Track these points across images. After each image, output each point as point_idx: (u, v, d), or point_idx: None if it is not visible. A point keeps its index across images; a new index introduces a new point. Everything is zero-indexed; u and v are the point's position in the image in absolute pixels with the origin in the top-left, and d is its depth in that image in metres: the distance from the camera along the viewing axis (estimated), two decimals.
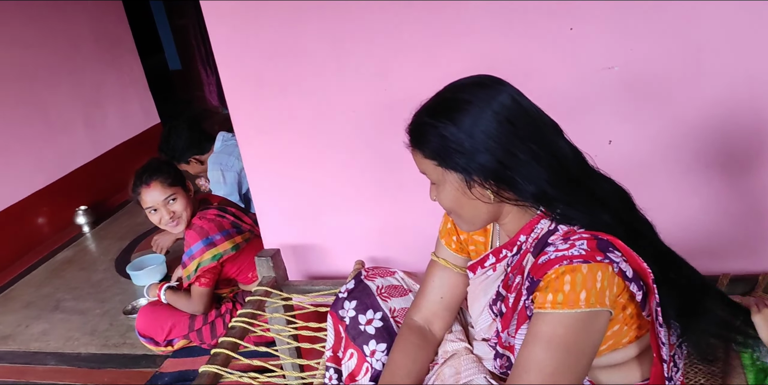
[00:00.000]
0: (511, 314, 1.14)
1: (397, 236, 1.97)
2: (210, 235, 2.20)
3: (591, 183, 1.09)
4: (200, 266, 2.19)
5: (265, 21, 1.84)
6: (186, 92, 6.07)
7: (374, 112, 1.85)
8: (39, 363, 2.45)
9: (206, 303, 2.27)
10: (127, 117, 4.32)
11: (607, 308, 1.00)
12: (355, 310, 1.43)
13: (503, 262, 1.20)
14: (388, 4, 1.70)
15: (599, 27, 1.58)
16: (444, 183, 1.10)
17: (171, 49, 6.16)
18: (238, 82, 1.95)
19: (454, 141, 1.05)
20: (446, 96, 1.10)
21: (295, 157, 1.98)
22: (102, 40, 4.13)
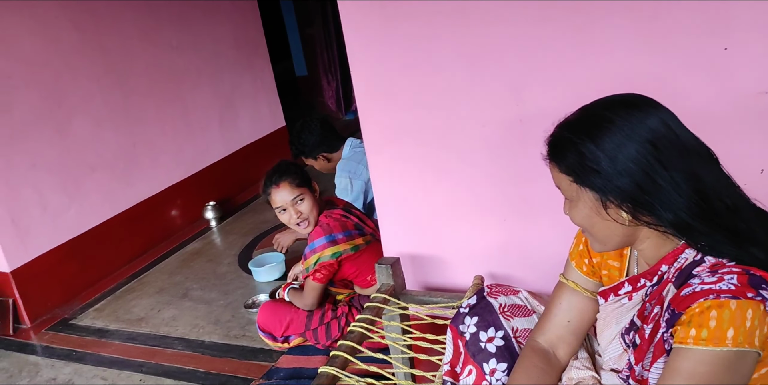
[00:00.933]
0: (646, 346, 1.10)
1: (521, 253, 1.94)
2: (333, 233, 2.28)
3: (740, 216, 1.03)
4: (320, 260, 2.27)
5: (402, 34, 1.87)
6: (309, 98, 6.30)
7: (504, 127, 1.84)
8: (167, 347, 2.62)
9: (317, 298, 2.34)
10: (256, 119, 4.54)
11: (756, 349, 0.94)
12: (476, 326, 1.42)
13: (640, 291, 1.15)
14: (524, 22, 1.69)
15: (758, 49, 1.48)
16: (578, 200, 1.09)
17: (299, 56, 6.42)
18: (370, 91, 2.00)
19: (591, 159, 1.03)
20: (591, 112, 1.08)
21: (421, 168, 2.01)
22: (241, 46, 4.36)
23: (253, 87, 4.51)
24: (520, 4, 1.68)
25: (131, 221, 3.50)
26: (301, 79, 6.49)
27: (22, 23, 2.96)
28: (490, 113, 1.85)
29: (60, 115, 3.14)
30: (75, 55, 3.21)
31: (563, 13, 1.64)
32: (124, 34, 3.49)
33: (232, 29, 4.28)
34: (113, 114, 3.42)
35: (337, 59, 5.73)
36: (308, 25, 5.92)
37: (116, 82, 3.44)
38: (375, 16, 1.88)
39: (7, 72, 2.90)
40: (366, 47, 1.94)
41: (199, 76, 4.02)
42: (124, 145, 3.49)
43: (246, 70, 4.43)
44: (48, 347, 2.77)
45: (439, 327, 1.85)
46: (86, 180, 3.28)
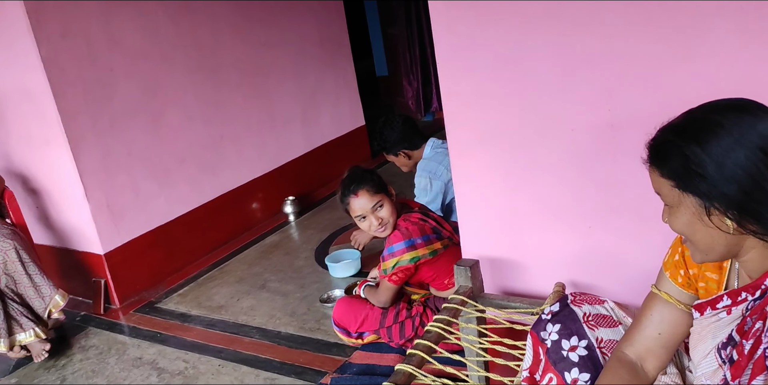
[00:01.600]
0: (745, 363, 1.05)
1: (606, 262, 1.89)
2: (413, 237, 2.29)
3: None
4: (398, 264, 2.29)
5: (492, 35, 1.86)
6: (388, 98, 6.34)
7: (594, 132, 1.80)
8: (245, 335, 2.71)
9: (391, 297, 2.36)
10: (337, 117, 4.61)
11: None
12: (558, 334, 1.40)
13: (741, 306, 1.10)
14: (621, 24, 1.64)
15: None
16: (679, 206, 1.05)
17: (380, 56, 6.46)
18: (457, 92, 1.99)
19: (696, 164, 0.99)
20: (697, 116, 1.04)
21: (505, 170, 1.99)
22: (325, 44, 4.44)
23: (335, 85, 4.58)
24: (617, 6, 1.64)
25: (215, 211, 3.63)
26: (382, 78, 6.53)
27: (127, 18, 3.12)
28: (579, 118, 1.81)
29: (155, 106, 3.29)
30: (171, 49, 3.36)
31: (664, 14, 1.58)
32: (217, 30, 3.61)
33: (318, 27, 4.36)
34: (203, 107, 3.56)
35: (419, 60, 5.73)
36: (391, 25, 5.95)
37: (207, 76, 3.58)
38: (466, 17, 1.88)
39: (110, 64, 3.06)
40: (455, 48, 1.94)
41: (285, 73, 4.12)
42: (212, 138, 3.62)
43: (329, 68, 4.51)
44: (135, 328, 2.92)
45: (517, 332, 1.83)
46: (176, 170, 3.42)
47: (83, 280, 3.18)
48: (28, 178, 3.15)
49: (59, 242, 3.22)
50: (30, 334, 2.65)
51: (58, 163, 2.98)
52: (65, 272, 3.23)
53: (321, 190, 4.34)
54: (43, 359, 2.71)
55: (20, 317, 2.63)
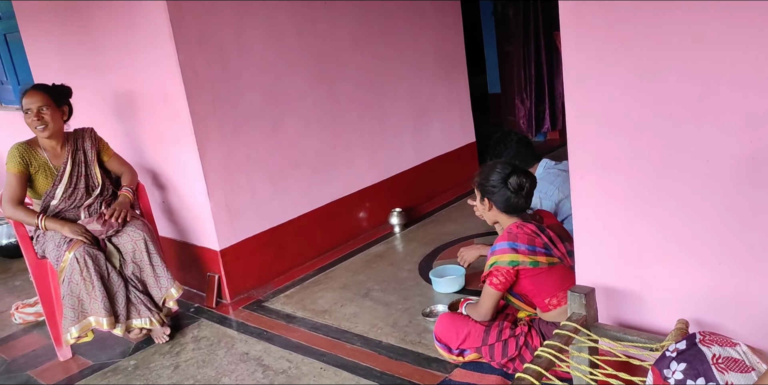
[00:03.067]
0: None
1: (736, 302, 1.78)
2: (517, 242, 2.27)
3: None
4: (496, 264, 2.27)
5: (627, 54, 1.81)
6: (499, 115, 6.29)
7: (732, 164, 1.71)
8: (347, 341, 2.75)
9: (492, 308, 2.33)
10: (448, 131, 4.62)
11: None
12: (684, 373, 1.34)
13: None
14: None
15: None
16: None
17: (493, 73, 6.43)
18: (583, 112, 1.95)
19: None
20: None
21: (629, 197, 1.92)
22: (441, 59, 4.47)
23: (448, 99, 4.59)
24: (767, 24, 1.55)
25: (325, 217, 3.73)
26: (493, 96, 6.50)
27: (257, 27, 3.28)
28: (717, 147, 1.72)
29: (276, 112, 3.43)
30: (295, 58, 3.49)
31: None
32: (338, 42, 3.73)
33: (435, 42, 4.40)
34: (320, 115, 3.67)
35: (534, 79, 5.66)
36: (507, 43, 5.92)
37: (326, 86, 3.69)
38: (597, 36, 1.84)
39: (239, 70, 3.23)
40: (584, 68, 1.90)
41: (400, 85, 4.18)
42: (326, 146, 3.73)
43: (443, 83, 4.53)
44: (243, 324, 3.04)
45: (632, 367, 1.76)
46: (290, 175, 3.54)
47: (198, 273, 3.35)
48: (158, 174, 3.37)
49: (180, 236, 3.41)
50: (146, 321, 2.82)
51: (185, 162, 3.17)
52: (183, 265, 3.41)
53: (427, 204, 4.36)
54: (163, 342, 2.90)
55: (139, 304, 2.81)
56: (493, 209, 2.40)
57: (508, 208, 2.36)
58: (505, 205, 2.36)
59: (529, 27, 5.59)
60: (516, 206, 2.36)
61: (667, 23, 1.71)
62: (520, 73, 5.74)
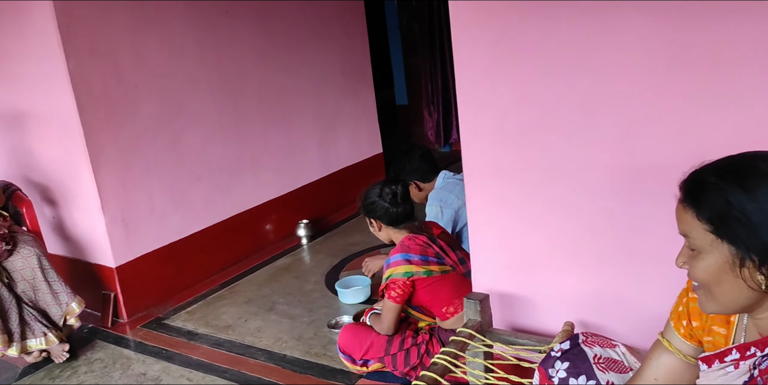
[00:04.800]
0: None
1: (617, 305, 1.88)
2: (410, 253, 2.32)
3: None
4: (391, 276, 2.31)
5: (514, 71, 1.89)
6: (407, 127, 6.39)
7: (613, 173, 1.81)
8: (251, 356, 2.70)
9: (393, 321, 2.36)
10: (354, 144, 4.65)
11: None
12: (567, 372, 1.40)
13: (749, 361, 1.08)
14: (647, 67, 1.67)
15: None
16: (709, 253, 1.01)
17: (401, 85, 6.54)
18: (476, 126, 2.02)
19: (740, 211, 0.96)
20: (742, 162, 1.01)
21: (520, 206, 2.00)
22: (347, 72, 4.51)
23: (354, 112, 4.63)
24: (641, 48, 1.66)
25: (228, 231, 3.65)
26: (401, 108, 6.60)
27: (154, 38, 3.19)
28: (597, 157, 1.82)
29: (176, 125, 3.34)
30: (195, 70, 3.42)
31: (687, 60, 1.61)
32: (241, 53, 3.68)
33: (341, 55, 4.43)
34: (223, 128, 3.61)
35: (441, 91, 5.80)
36: (413, 56, 6.03)
37: (229, 98, 3.63)
38: (488, 52, 1.92)
39: (135, 82, 3.12)
40: (476, 82, 1.97)
41: (305, 98, 4.18)
42: (230, 159, 3.67)
43: (349, 96, 4.56)
44: (141, 343, 2.92)
45: (523, 370, 1.82)
46: (192, 188, 3.45)
47: (93, 292, 3.19)
48: (48, 189, 3.20)
49: (72, 253, 3.25)
50: (41, 341, 2.68)
51: (77, 176, 3.03)
52: (76, 283, 3.23)
53: (335, 215, 4.36)
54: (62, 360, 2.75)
55: (34, 323, 2.66)
56: (383, 227, 2.47)
57: (392, 219, 2.44)
58: (388, 218, 2.44)
59: (434, 39, 5.73)
60: (398, 216, 2.43)
61: (551, 42, 1.80)
62: (428, 85, 5.86)
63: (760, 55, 1.51)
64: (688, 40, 1.60)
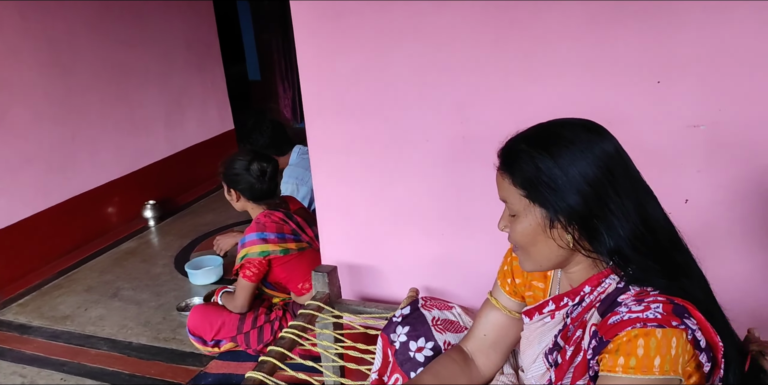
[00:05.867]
0: (567, 367, 1.13)
1: (457, 269, 1.97)
2: (266, 232, 2.28)
3: (678, 249, 1.07)
4: (247, 256, 2.27)
5: (354, 44, 1.89)
6: (261, 103, 6.26)
7: (447, 143, 1.88)
8: (92, 347, 2.55)
9: (248, 299, 2.32)
10: (204, 120, 4.49)
11: (679, 376, 0.98)
12: (407, 336, 1.44)
13: (563, 310, 1.18)
14: (475, 42, 1.74)
15: (688, 84, 1.57)
16: (524, 216, 1.08)
17: (252, 61, 6.38)
18: (318, 99, 2.00)
19: (548, 175, 1.03)
20: (549, 130, 1.08)
21: (364, 179, 2.03)
22: (192, 46, 4.31)
23: (202, 88, 4.46)
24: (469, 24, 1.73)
25: (64, 215, 3.39)
26: (254, 83, 6.44)
27: None
28: (434, 129, 1.88)
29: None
30: (18, 42, 3.11)
31: (514, 37, 1.69)
32: (71, 24, 3.40)
33: (185, 28, 4.23)
34: (54, 105, 3.33)
35: (295, 66, 5.72)
36: (264, 31, 5.90)
37: (60, 74, 3.35)
38: (328, 25, 1.90)
39: None
40: (317, 55, 1.95)
41: (148, 74, 3.95)
42: (63, 138, 3.40)
43: (196, 71, 4.38)
44: None
45: (372, 337, 1.86)
46: (20, 171, 3.17)
47: None
48: None
49: None
50: None
51: None
52: None
53: (184, 195, 4.20)
54: None
55: None
56: (241, 199, 2.38)
57: (254, 195, 2.37)
58: (251, 193, 2.36)
59: (286, 13, 5.62)
60: (262, 193, 2.37)
61: (390, 19, 1.81)
62: (281, 60, 5.77)
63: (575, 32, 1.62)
64: (512, 16, 1.68)
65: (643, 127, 1.64)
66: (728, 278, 1.22)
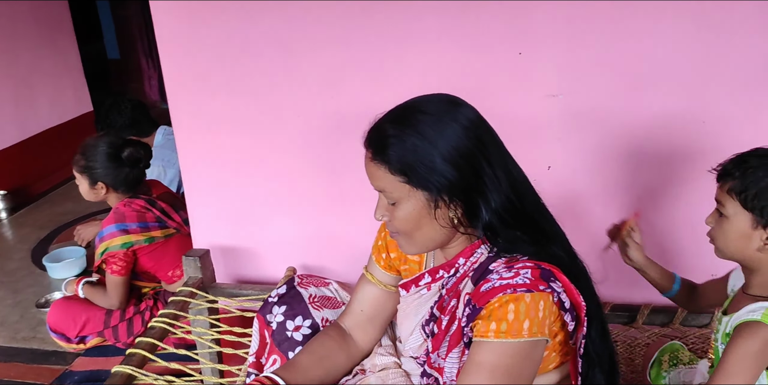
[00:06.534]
0: (443, 336, 1.14)
1: (333, 246, 1.96)
2: (126, 222, 2.14)
3: (540, 218, 1.10)
4: (108, 250, 2.13)
5: (215, 18, 1.81)
6: (122, 83, 5.90)
7: (320, 119, 1.85)
8: None
9: (122, 295, 2.18)
10: (58, 102, 4.17)
11: (546, 337, 1.02)
12: (284, 315, 1.41)
13: (438, 282, 1.19)
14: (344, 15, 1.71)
15: (547, 55, 1.63)
16: (407, 201, 1.05)
17: (111, 38, 5.98)
18: (181, 77, 1.90)
19: (422, 155, 1.01)
20: (410, 108, 1.06)
21: (234, 157, 1.95)
22: (41, 22, 3.98)
23: (55, 67, 4.13)
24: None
25: None
26: (114, 62, 6.04)
27: None
28: (306, 104, 1.84)
29: None
30: None
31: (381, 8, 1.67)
32: None
33: (32, 3, 3.88)
34: None
35: None
36: (122, 7, 5.55)
37: None
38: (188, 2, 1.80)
39: None
40: (177, 29, 1.85)
41: None
42: None
43: (47, 49, 4.05)
44: None
45: (250, 320, 1.80)
46: None
47: None
48: None
49: None
50: None
51: None
52: None
53: (40, 184, 3.88)
54: None
55: None
56: (102, 188, 2.19)
57: (128, 185, 2.20)
58: (124, 183, 2.19)
59: None
60: (135, 182, 2.21)
61: None
62: (143, 37, 5.44)
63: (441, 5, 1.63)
64: None
65: (507, 97, 1.68)
66: (590, 238, 1.29)
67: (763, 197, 1.03)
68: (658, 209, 1.74)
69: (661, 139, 1.65)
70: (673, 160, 1.66)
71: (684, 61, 1.58)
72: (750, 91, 1.58)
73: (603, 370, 1.10)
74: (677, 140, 1.63)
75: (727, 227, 1.09)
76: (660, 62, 1.59)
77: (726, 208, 1.08)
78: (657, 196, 1.73)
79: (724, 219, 1.09)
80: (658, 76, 1.60)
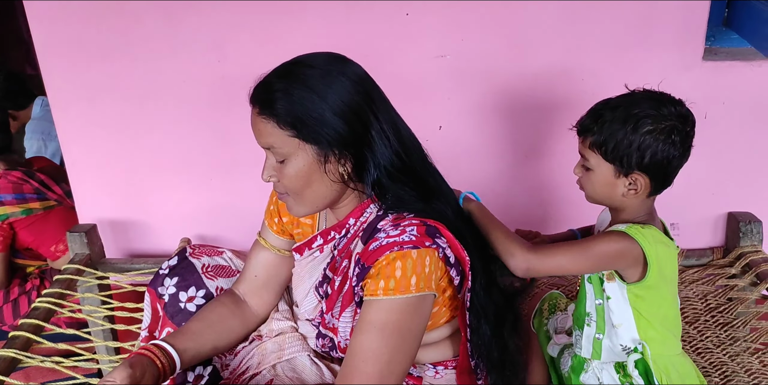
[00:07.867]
0: (336, 297, 1.15)
1: (228, 214, 1.92)
2: (0, 193, 2.04)
3: (427, 176, 1.11)
4: None
5: None
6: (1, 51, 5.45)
7: (207, 84, 1.79)
8: None
9: (1, 272, 2.09)
10: None
11: (433, 291, 1.04)
12: (176, 287, 1.37)
13: (330, 244, 1.19)
14: None
15: (434, 16, 1.64)
16: (296, 157, 1.03)
17: None
18: (53, 42, 1.78)
19: (312, 107, 0.99)
20: (298, 64, 1.04)
21: (117, 126, 1.86)
22: None
23: None
24: None
25: None
26: None
27: None
28: (190, 69, 1.78)
29: None
30: None
31: None
32: None
33: None
34: None
35: None
36: None
37: None
38: None
39: None
40: None
41: None
42: None
43: None
44: None
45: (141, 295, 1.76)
46: None
47: None
48: None
49: None
50: None
51: None
52: None
53: None
54: None
55: None
56: None
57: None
58: None
59: None
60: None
61: None
62: None
63: None
64: None
65: (396, 58, 1.69)
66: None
67: (621, 148, 1.07)
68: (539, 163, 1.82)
69: (544, 96, 1.71)
70: (554, 115, 1.73)
71: (562, 23, 1.64)
72: (621, 51, 1.66)
73: (488, 321, 1.14)
74: (558, 97, 1.70)
75: (593, 178, 1.14)
76: (541, 24, 1.64)
77: (589, 161, 1.12)
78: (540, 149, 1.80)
79: (590, 171, 1.14)
80: (538, 37, 1.65)
